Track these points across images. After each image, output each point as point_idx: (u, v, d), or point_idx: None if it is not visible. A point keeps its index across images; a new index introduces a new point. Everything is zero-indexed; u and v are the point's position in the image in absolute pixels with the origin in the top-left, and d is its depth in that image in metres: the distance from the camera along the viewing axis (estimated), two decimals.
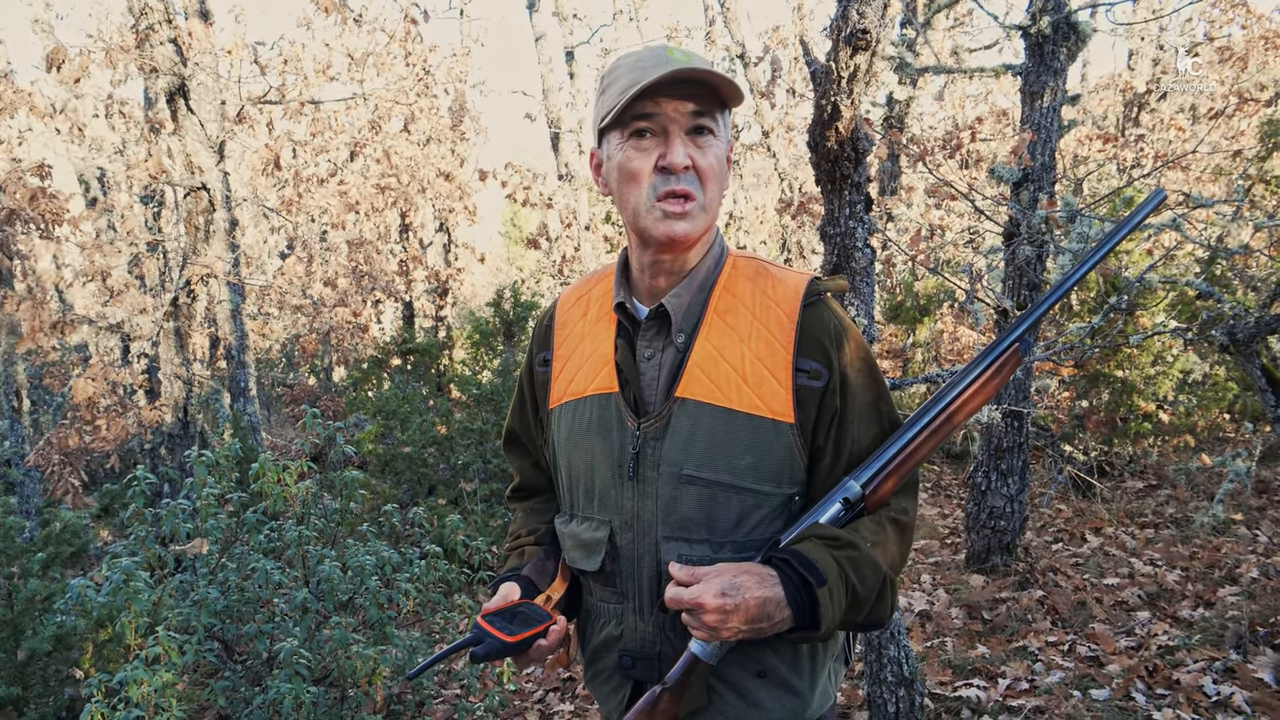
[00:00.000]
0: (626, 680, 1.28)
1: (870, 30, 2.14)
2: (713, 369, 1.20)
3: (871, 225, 2.48)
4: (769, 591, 1.09)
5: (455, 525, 3.72)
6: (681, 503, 1.19)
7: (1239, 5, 9.40)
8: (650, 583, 1.22)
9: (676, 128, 1.15)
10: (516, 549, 1.42)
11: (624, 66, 1.18)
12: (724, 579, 1.09)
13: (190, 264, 6.30)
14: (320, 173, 11.26)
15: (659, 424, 1.20)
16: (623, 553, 1.24)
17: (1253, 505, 4.89)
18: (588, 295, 1.35)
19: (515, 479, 1.52)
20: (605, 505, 1.25)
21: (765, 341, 1.20)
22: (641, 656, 1.25)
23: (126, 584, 2.63)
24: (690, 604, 1.09)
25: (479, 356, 9.09)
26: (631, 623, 1.25)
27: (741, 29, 10.51)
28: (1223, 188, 7.53)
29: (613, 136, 1.19)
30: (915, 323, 7.32)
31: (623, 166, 1.17)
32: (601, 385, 1.26)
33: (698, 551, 1.19)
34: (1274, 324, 2.93)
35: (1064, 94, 3.91)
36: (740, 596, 1.08)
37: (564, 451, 1.31)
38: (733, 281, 1.25)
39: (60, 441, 6.19)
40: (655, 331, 1.25)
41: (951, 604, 4.00)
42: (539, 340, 1.40)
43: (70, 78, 6.34)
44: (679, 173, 1.15)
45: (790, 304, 1.22)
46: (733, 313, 1.22)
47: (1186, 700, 2.84)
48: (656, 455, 1.20)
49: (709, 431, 1.18)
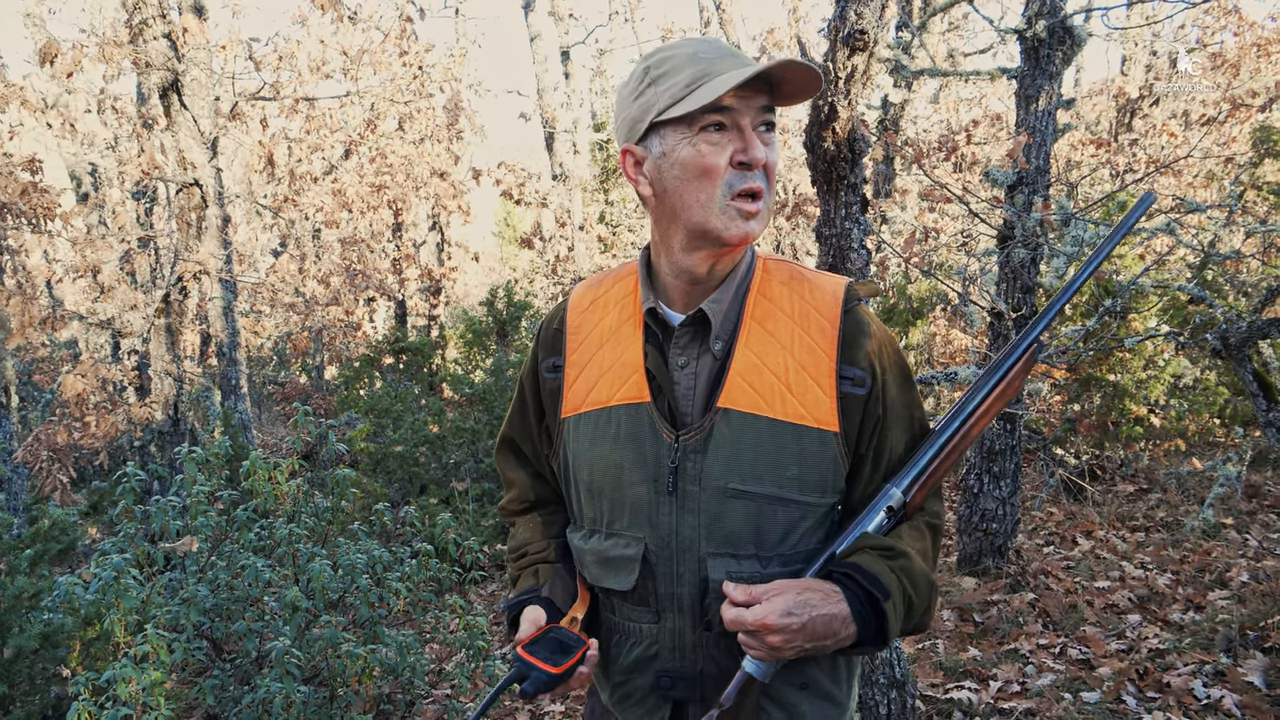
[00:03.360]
0: (665, 701, 1.22)
1: (868, 31, 2.14)
2: (756, 378, 1.15)
3: (867, 226, 2.48)
4: (835, 609, 1.07)
5: (446, 524, 3.71)
6: (728, 518, 1.15)
7: (1231, 12, 9.46)
8: (692, 601, 1.17)
9: (748, 121, 1.11)
10: (528, 567, 1.35)
11: (680, 58, 1.11)
12: (787, 597, 1.06)
13: (182, 260, 6.28)
14: (314, 170, 11.23)
15: (700, 436, 1.15)
16: (659, 571, 1.18)
17: (1243, 509, 4.90)
18: (603, 299, 1.28)
19: (511, 490, 1.43)
20: (637, 521, 1.18)
21: (808, 348, 1.17)
22: (681, 676, 1.19)
23: (116, 581, 2.61)
24: (754, 626, 1.05)
25: (472, 356, 9.07)
26: (669, 642, 1.20)
27: (736, 30, 10.52)
28: (1215, 193, 7.57)
29: (673, 131, 1.11)
30: (908, 325, 7.33)
31: (693, 162, 1.10)
32: (630, 395, 1.19)
33: (746, 567, 1.15)
34: (1265, 329, 2.93)
35: (1059, 98, 3.92)
36: (806, 615, 1.05)
37: (584, 463, 1.23)
38: (767, 286, 1.21)
39: (49, 438, 6.15)
40: (689, 339, 1.20)
41: (943, 606, 4.00)
42: (547, 345, 1.31)
43: (63, 72, 6.30)
44: (757, 168, 1.11)
45: (831, 310, 1.19)
46: (771, 319, 1.18)
47: (1177, 703, 2.85)
48: (698, 469, 1.15)
49: (755, 443, 1.14)
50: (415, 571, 3.33)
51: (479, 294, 18.50)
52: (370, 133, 10.89)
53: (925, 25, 6.95)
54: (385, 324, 14.46)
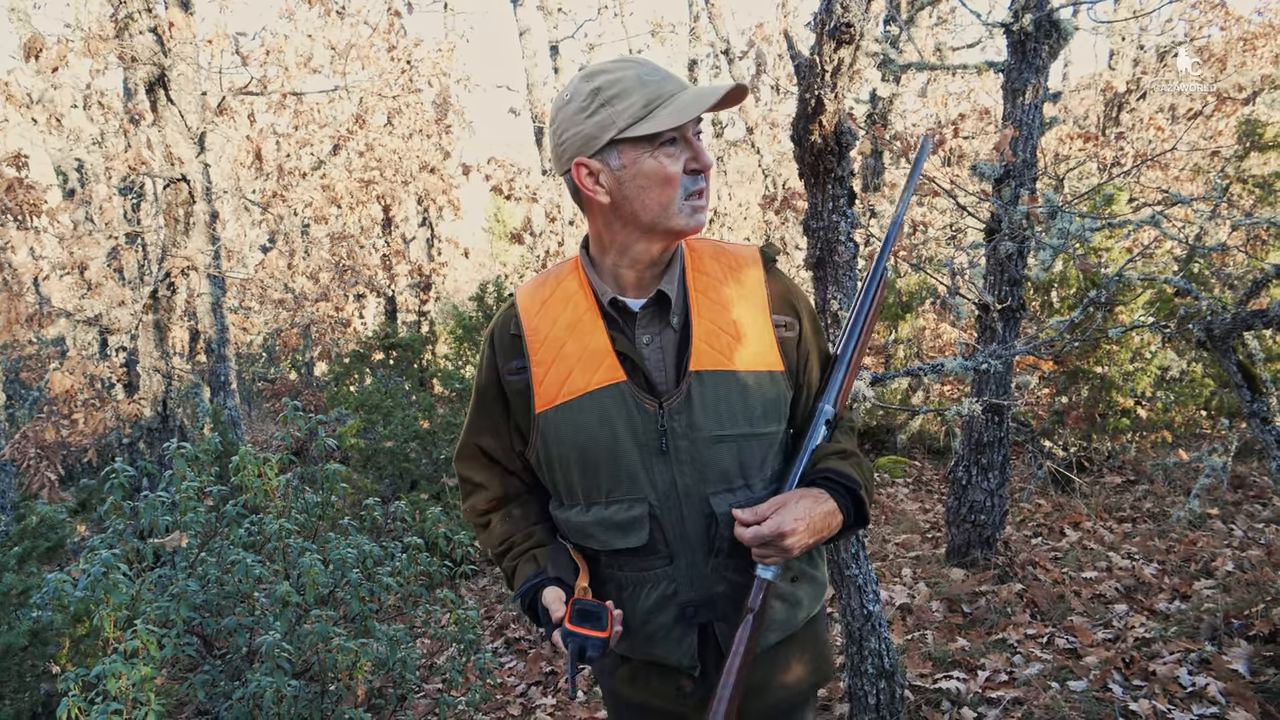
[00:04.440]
0: (690, 628, 1.38)
1: (854, 24, 2.14)
2: (714, 340, 1.36)
3: (854, 219, 2.48)
4: (826, 505, 1.32)
5: (437, 519, 3.71)
6: (718, 460, 1.35)
7: (1218, 6, 9.50)
8: (700, 536, 1.36)
9: (691, 133, 1.32)
10: (523, 555, 1.47)
11: (629, 80, 1.28)
12: (790, 506, 1.30)
13: (170, 256, 6.24)
14: (303, 166, 11.16)
15: (680, 399, 1.34)
16: (666, 520, 1.35)
17: (1228, 500, 4.95)
18: (552, 300, 1.42)
19: (479, 492, 1.54)
20: (636, 484, 1.35)
21: (745, 307, 1.39)
22: (703, 603, 1.37)
23: (105, 577, 2.61)
24: (773, 534, 1.27)
25: (462, 351, 9.06)
26: (685, 576, 1.37)
27: (725, 24, 10.51)
28: (1201, 186, 7.61)
29: (633, 147, 1.29)
30: (897, 319, 7.35)
31: (657, 172, 1.29)
32: (605, 378, 1.35)
33: (740, 496, 1.36)
34: (1250, 321, 2.95)
35: (1046, 91, 3.93)
36: (809, 516, 1.29)
37: (572, 446, 1.36)
38: (699, 262, 1.43)
39: (36, 435, 6.12)
40: (650, 318, 1.38)
41: (932, 597, 4.03)
42: (506, 351, 1.43)
43: (48, 67, 6.25)
44: (706, 172, 1.33)
45: (754, 271, 1.43)
46: (712, 289, 1.40)
47: (1162, 691, 2.88)
48: (685, 426, 1.33)
49: (727, 394, 1.35)
50: (406, 566, 3.33)
51: (469, 289, 18.47)
52: (359, 128, 10.83)
53: (913, 19, 6.96)
54: (375, 320, 14.42)
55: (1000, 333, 4.01)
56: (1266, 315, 2.85)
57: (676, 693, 1.43)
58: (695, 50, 11.64)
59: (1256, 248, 5.74)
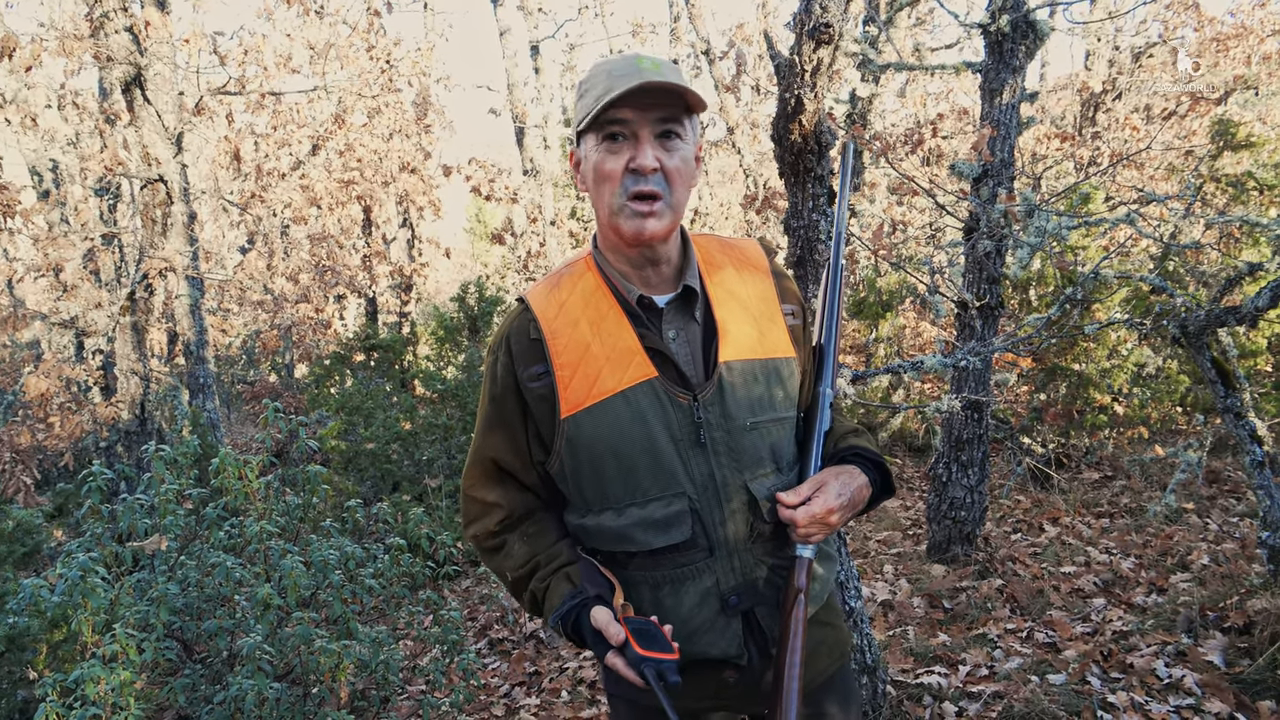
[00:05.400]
0: (733, 617, 1.37)
1: (833, 24, 2.16)
2: (738, 330, 1.38)
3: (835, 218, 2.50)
4: (859, 480, 1.37)
5: (419, 520, 3.70)
6: (753, 447, 1.36)
7: (1191, 7, 9.62)
8: (740, 524, 1.36)
9: (646, 132, 1.27)
10: (554, 574, 1.39)
11: (600, 74, 1.28)
12: (831, 484, 1.34)
13: (147, 258, 6.19)
14: (282, 166, 11.09)
15: (712, 390, 1.34)
16: (705, 512, 1.34)
17: (1204, 495, 5.01)
18: (570, 302, 1.37)
19: (490, 514, 1.45)
20: (675, 479, 1.33)
21: (758, 298, 1.42)
22: (746, 589, 1.36)
23: (82, 580, 2.58)
24: (824, 511, 1.30)
25: (444, 352, 9.03)
26: (726, 566, 1.36)
27: (706, 25, 10.53)
28: (1175, 185, 7.71)
29: (589, 139, 1.30)
30: (878, 318, 7.39)
31: (598, 167, 1.28)
32: (637, 375, 1.33)
33: (773, 480, 1.38)
34: (1223, 317, 3.00)
35: (1023, 91, 3.97)
36: (848, 492, 1.34)
37: (607, 448, 1.33)
38: (710, 256, 1.43)
39: (11, 439, 6.05)
40: (674, 312, 1.38)
41: (913, 593, 4.06)
42: (525, 356, 1.36)
43: (21, 66, 6.18)
44: (648, 174, 1.26)
45: (760, 263, 1.47)
46: (727, 282, 1.42)
47: (1140, 683, 2.91)
48: (719, 416, 1.34)
49: (754, 382, 1.37)
50: (388, 568, 3.31)
51: (450, 290, 18.41)
52: (338, 128, 10.77)
53: (892, 20, 7.01)
54: (356, 321, 14.35)
55: (979, 330, 4.05)
56: (1239, 312, 2.89)
57: (718, 686, 1.40)
58: (676, 50, 11.67)
59: (1230, 246, 5.82)
